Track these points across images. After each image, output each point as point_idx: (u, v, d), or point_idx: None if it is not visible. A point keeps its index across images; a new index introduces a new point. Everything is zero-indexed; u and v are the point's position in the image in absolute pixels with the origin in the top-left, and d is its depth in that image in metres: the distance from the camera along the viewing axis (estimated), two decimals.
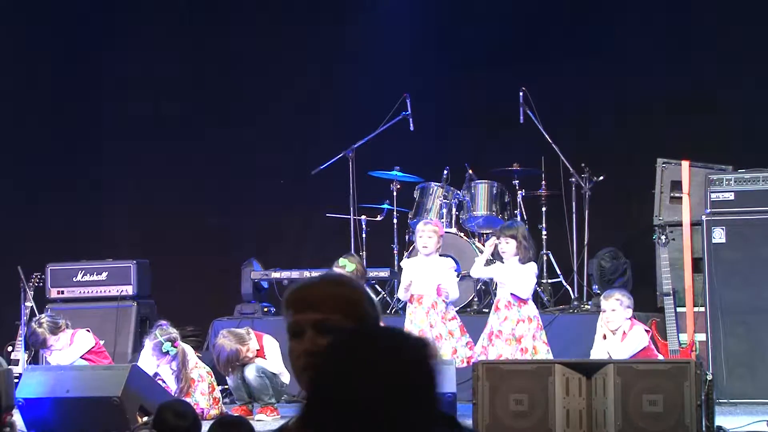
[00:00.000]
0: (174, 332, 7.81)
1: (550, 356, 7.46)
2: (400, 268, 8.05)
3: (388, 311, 9.39)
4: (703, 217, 8.27)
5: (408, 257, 8.91)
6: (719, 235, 8.20)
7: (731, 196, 8.24)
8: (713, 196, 8.27)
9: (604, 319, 7.35)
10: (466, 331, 7.73)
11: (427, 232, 7.78)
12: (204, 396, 7.82)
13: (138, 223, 10.78)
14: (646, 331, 7.36)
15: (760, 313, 8.03)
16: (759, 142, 9.44)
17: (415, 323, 7.64)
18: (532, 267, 7.81)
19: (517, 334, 7.52)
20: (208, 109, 10.89)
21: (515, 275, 7.67)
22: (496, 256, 8.22)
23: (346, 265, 7.88)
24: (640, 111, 9.94)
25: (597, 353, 7.27)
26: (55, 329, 8.04)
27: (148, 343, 7.81)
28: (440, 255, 8.12)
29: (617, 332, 7.28)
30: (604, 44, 10.12)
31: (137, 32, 10.95)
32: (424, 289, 7.70)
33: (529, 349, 7.49)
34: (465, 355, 7.62)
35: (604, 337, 7.38)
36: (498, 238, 7.78)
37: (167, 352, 7.69)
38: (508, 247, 7.67)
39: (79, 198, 10.94)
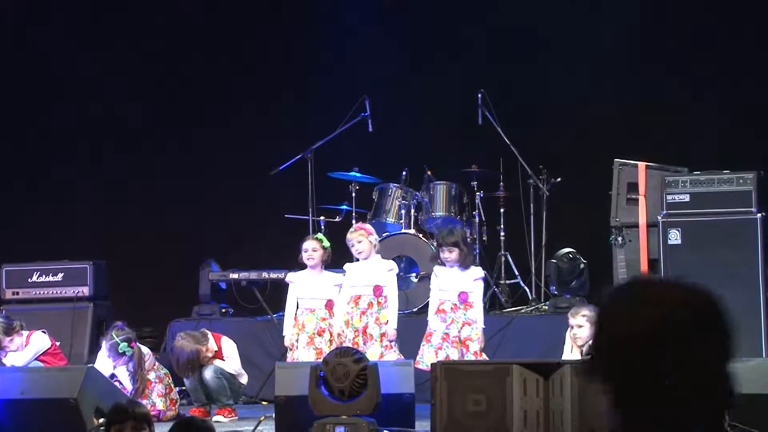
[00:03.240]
0: (130, 333, 7.76)
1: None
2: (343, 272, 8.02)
3: None
4: (659, 219, 8.33)
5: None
6: (675, 237, 8.27)
7: (687, 198, 8.32)
8: (669, 197, 8.34)
9: (573, 335, 7.32)
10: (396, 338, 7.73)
11: (355, 238, 7.78)
12: (161, 398, 7.78)
13: (94, 224, 10.71)
14: None
15: None
16: (714, 143, 9.54)
17: (351, 324, 7.65)
18: (480, 272, 7.82)
19: (463, 336, 7.55)
20: (167, 110, 10.83)
21: (467, 279, 7.67)
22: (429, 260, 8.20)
23: (323, 240, 7.88)
24: (598, 113, 10.01)
25: None
26: (9, 330, 7.96)
27: (105, 345, 7.76)
28: (393, 258, 8.12)
29: (583, 348, 7.26)
30: (561, 47, 10.19)
31: (103, 32, 10.88)
32: (362, 290, 7.70)
33: (479, 353, 7.52)
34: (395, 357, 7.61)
35: (572, 349, 7.37)
36: (442, 248, 7.77)
37: (123, 353, 7.64)
38: (452, 255, 7.69)
39: (34, 198, 10.84)
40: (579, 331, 7.20)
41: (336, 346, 7.54)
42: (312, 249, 7.80)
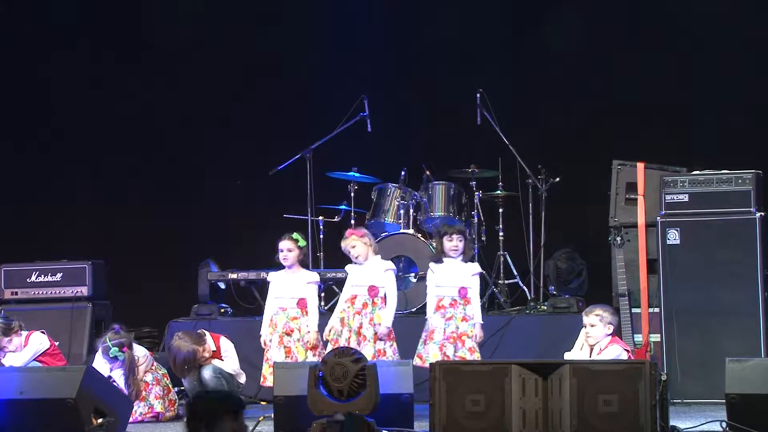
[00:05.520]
0: (125, 337, 7.70)
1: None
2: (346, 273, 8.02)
3: None
4: (658, 219, 8.34)
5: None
6: (674, 237, 8.28)
7: (686, 198, 8.32)
8: (668, 197, 8.35)
9: (585, 333, 7.36)
10: (393, 337, 7.72)
11: (349, 244, 7.78)
12: (159, 399, 7.76)
13: (94, 224, 10.71)
14: (626, 350, 7.34)
15: (714, 314, 8.11)
16: (714, 143, 9.55)
17: (347, 323, 7.64)
18: (477, 267, 7.84)
19: (460, 331, 7.56)
20: (165, 109, 10.83)
21: (465, 274, 7.68)
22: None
23: (299, 240, 7.85)
24: (596, 112, 10.02)
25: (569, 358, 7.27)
26: (7, 331, 7.96)
27: (99, 347, 7.74)
28: (392, 258, 8.12)
29: (594, 347, 7.30)
30: (560, 45, 10.18)
31: (103, 32, 10.89)
32: (358, 290, 7.70)
33: (473, 350, 7.54)
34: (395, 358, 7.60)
35: (582, 347, 7.40)
36: (449, 236, 7.74)
37: (115, 357, 7.60)
38: (460, 244, 7.70)
39: (33, 198, 10.84)
40: (592, 330, 7.25)
41: (324, 347, 7.55)
42: (287, 249, 7.79)
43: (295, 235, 7.84)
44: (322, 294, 9.17)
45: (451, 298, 7.63)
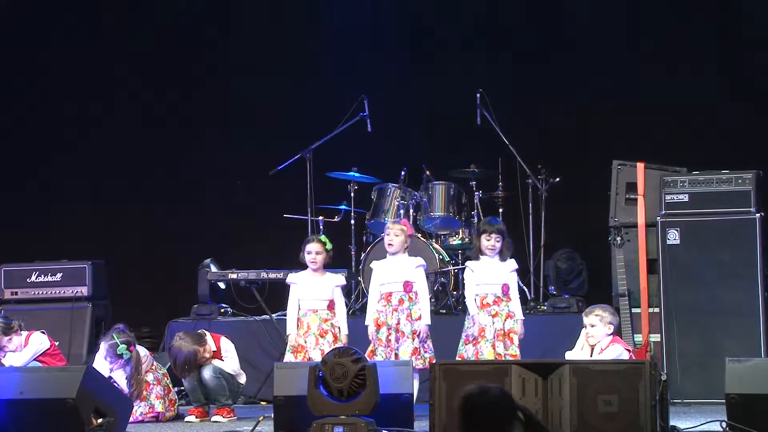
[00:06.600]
0: (130, 336, 7.73)
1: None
2: (369, 269, 7.97)
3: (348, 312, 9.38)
4: (658, 219, 8.34)
5: (365, 257, 8.90)
6: (674, 237, 8.28)
7: (686, 198, 8.33)
8: (668, 197, 8.35)
9: (586, 333, 7.36)
10: (428, 334, 7.69)
11: (394, 231, 7.74)
12: (159, 399, 7.76)
13: (94, 224, 10.71)
14: (627, 350, 7.34)
15: (714, 314, 8.12)
16: (714, 143, 9.55)
17: (385, 322, 7.59)
18: (515, 263, 7.82)
19: (506, 328, 7.55)
20: (164, 109, 10.83)
21: (504, 271, 7.68)
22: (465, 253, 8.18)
23: (326, 243, 7.83)
24: (596, 112, 10.02)
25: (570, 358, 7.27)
26: (7, 330, 7.96)
27: (103, 345, 7.74)
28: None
29: (595, 347, 7.30)
30: (559, 45, 10.19)
31: (102, 31, 10.88)
32: (392, 287, 7.66)
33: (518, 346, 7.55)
34: (427, 356, 7.58)
35: (583, 347, 7.40)
36: (488, 234, 7.71)
37: (121, 355, 7.62)
38: (498, 244, 7.68)
39: (33, 198, 10.85)
40: (592, 330, 7.26)
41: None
42: (316, 252, 7.75)
43: (323, 238, 7.83)
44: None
45: (494, 295, 7.62)
